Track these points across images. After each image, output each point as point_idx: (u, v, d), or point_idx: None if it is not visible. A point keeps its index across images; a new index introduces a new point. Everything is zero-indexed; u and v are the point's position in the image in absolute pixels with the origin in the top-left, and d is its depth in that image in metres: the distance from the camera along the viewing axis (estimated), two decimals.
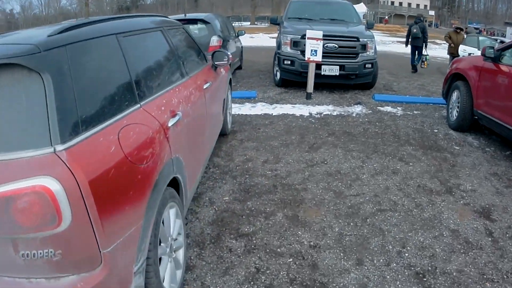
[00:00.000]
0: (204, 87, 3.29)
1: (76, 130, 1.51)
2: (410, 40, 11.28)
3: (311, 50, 6.85)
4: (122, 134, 1.74)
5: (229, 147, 4.74)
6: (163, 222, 2.08)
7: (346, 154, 4.51)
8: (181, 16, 8.25)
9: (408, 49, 11.71)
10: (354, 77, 7.37)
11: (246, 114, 6.18)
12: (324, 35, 6.87)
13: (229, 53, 4.11)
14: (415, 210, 3.34)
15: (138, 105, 2.03)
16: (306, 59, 6.91)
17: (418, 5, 65.59)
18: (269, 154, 4.49)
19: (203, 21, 7.87)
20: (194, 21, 8.05)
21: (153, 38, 2.70)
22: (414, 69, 11.41)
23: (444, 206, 3.42)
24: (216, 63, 4.06)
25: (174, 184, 2.34)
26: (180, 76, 2.86)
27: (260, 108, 6.50)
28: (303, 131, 5.34)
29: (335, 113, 6.20)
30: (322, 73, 7.18)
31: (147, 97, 2.15)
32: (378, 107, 6.66)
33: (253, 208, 3.30)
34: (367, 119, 5.95)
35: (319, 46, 6.82)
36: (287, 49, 7.49)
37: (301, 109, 6.39)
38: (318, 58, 6.87)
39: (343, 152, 4.57)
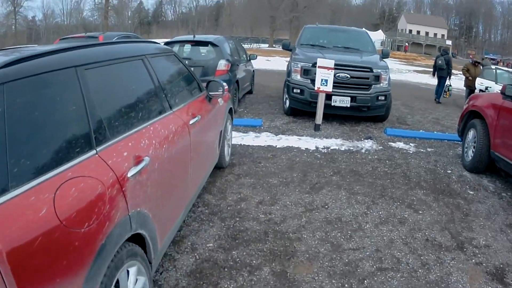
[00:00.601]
0: (191, 122, 3.05)
1: (3, 188, 1.28)
2: (435, 71, 11.84)
3: (322, 80, 6.63)
4: (61, 191, 1.50)
5: (224, 183, 4.47)
6: (117, 284, 1.81)
7: (350, 197, 4.19)
8: (190, 37, 8.13)
9: (426, 79, 11.74)
10: (366, 110, 7.10)
11: (249, 145, 5.94)
12: (336, 64, 6.66)
13: (224, 83, 3.89)
14: (420, 270, 3.00)
15: (94, 152, 1.79)
16: (315, 88, 6.68)
17: (435, 34, 65.49)
18: (266, 194, 4.21)
19: (211, 43, 7.74)
20: (202, 43, 7.91)
21: (128, 68, 2.48)
22: (438, 99, 11.70)
23: (454, 266, 3.08)
24: (210, 93, 3.84)
25: (140, 238, 2.09)
26: (159, 112, 2.63)
27: (264, 139, 6.25)
28: (307, 167, 5.06)
29: (343, 148, 5.91)
30: (333, 104, 6.93)
31: (107, 140, 1.92)
32: (389, 143, 6.35)
33: (238, 259, 3.01)
34: (376, 156, 5.64)
35: (330, 75, 6.59)
36: (297, 77, 7.28)
37: (308, 142, 6.11)
38: (329, 88, 6.63)
39: (347, 194, 4.26)
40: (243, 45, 11.85)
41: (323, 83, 6.65)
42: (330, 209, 3.90)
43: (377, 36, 48.50)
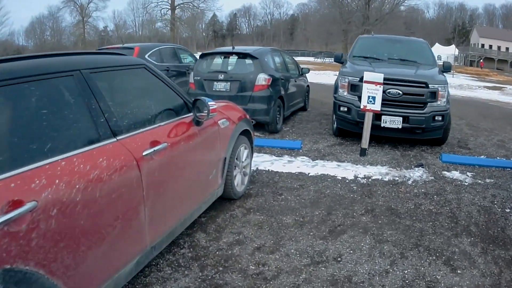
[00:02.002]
0: (145, 152, 2.53)
1: None
2: None
3: (369, 97, 5.85)
4: None
5: (226, 219, 3.92)
6: None
7: (375, 247, 3.41)
8: (229, 48, 7.75)
9: (497, 96, 10.25)
10: (420, 132, 6.15)
11: (277, 172, 5.33)
12: (385, 79, 5.85)
13: (212, 102, 3.34)
14: None
15: None
16: (361, 107, 5.89)
17: (507, 49, 60.03)
18: (271, 237, 3.58)
19: (250, 56, 7.28)
20: (241, 56, 7.47)
21: (43, 87, 2.04)
22: None
23: None
24: (197, 115, 3.32)
25: None
26: (86, 141, 2.17)
27: (297, 164, 5.59)
28: (335, 203, 4.32)
29: (387, 178, 5.06)
30: (382, 125, 6.08)
31: None
32: (443, 172, 5.38)
33: None
34: (424, 189, 4.73)
35: (378, 92, 5.79)
36: (344, 93, 6.55)
37: (347, 170, 5.34)
38: (376, 106, 5.82)
39: (372, 243, 3.47)
40: (318, 59, 11.13)
41: (370, 101, 5.86)
42: (342, 263, 3.15)
43: (450, 51, 45.83)
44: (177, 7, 58.20)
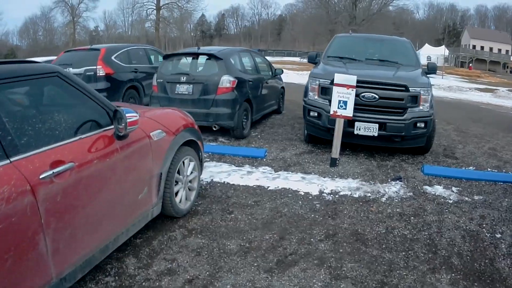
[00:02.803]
0: (43, 175, 2.07)
1: None
2: None
3: (339, 101, 5.31)
4: None
5: (163, 242, 3.37)
6: None
7: (329, 286, 2.82)
8: (194, 49, 7.14)
9: (488, 98, 9.75)
10: (399, 140, 5.60)
11: (233, 185, 4.75)
12: (360, 81, 5.32)
13: (131, 113, 2.76)
14: None
15: None
16: (331, 112, 5.33)
17: (499, 50, 60.68)
18: (208, 267, 3.00)
19: (214, 56, 6.70)
20: (205, 57, 6.88)
21: None
22: None
23: None
24: (118, 127, 2.74)
25: None
26: None
27: (257, 176, 5.01)
28: (291, 225, 3.75)
29: (356, 194, 4.50)
30: (355, 133, 5.54)
31: None
32: (424, 187, 4.84)
33: None
34: (399, 209, 4.18)
35: (350, 96, 5.25)
36: (314, 97, 5.99)
37: (312, 184, 4.77)
38: (348, 112, 5.28)
39: (327, 279, 2.90)
40: (303, 59, 10.40)
41: (341, 106, 5.32)
42: None
43: (440, 52, 45.95)
44: (162, 7, 57.43)
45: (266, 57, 10.30)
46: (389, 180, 5.02)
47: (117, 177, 2.85)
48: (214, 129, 6.70)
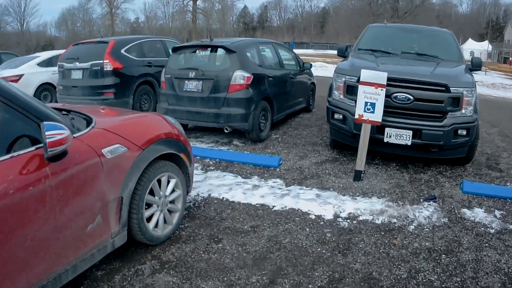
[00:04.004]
0: None
1: None
2: None
3: (366, 103, 4.48)
4: None
5: (127, 277, 2.85)
6: None
7: None
8: (207, 41, 6.47)
9: None
10: (436, 150, 4.70)
11: (232, 202, 4.08)
12: (391, 79, 4.47)
13: (58, 131, 2.12)
14: None
15: None
16: (356, 116, 4.51)
17: None
18: None
19: (226, 49, 5.99)
20: (216, 49, 6.22)
21: None
22: None
23: None
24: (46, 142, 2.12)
25: None
26: None
27: (263, 192, 4.29)
28: (289, 263, 3.02)
29: (379, 220, 3.67)
30: (386, 140, 4.67)
31: None
32: (462, 210, 3.95)
33: None
34: (429, 242, 3.33)
35: (379, 97, 4.41)
36: (339, 96, 5.16)
37: (327, 204, 4.00)
38: (376, 116, 4.45)
39: None
40: None
41: (368, 109, 4.48)
42: None
43: (483, 47, 43.18)
44: None
45: (309, 50, 9.46)
46: (421, 200, 4.14)
47: (47, 209, 2.23)
48: (226, 131, 6.02)
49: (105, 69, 7.28)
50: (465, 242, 3.35)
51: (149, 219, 3.17)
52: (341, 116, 5.11)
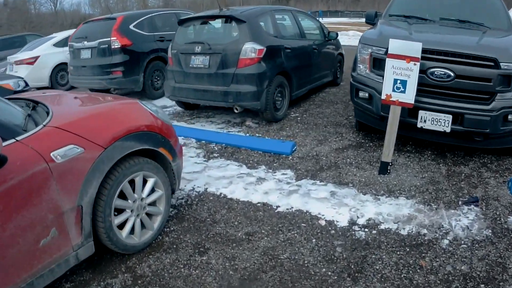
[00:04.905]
0: None
1: None
2: None
3: (396, 80, 3.73)
4: None
5: None
6: None
7: None
8: (215, 11, 5.78)
9: None
10: (481, 139, 3.91)
11: (229, 199, 3.53)
12: (426, 51, 3.71)
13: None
14: None
15: None
16: (383, 97, 3.78)
17: None
18: None
19: (234, 19, 5.31)
20: (224, 19, 5.55)
21: None
22: None
23: None
24: None
25: None
26: None
27: (268, 187, 3.69)
28: (284, 286, 2.40)
29: (405, 231, 2.99)
30: (419, 125, 3.92)
31: None
32: (510, 218, 3.15)
33: None
34: (466, 265, 2.61)
35: (411, 73, 3.65)
36: (365, 71, 4.41)
37: (343, 205, 3.34)
38: (408, 97, 3.70)
39: None
40: None
41: (398, 87, 3.72)
42: None
43: None
44: None
45: (343, 18, 8.59)
46: (459, 203, 3.40)
47: None
48: (236, 111, 5.39)
49: (112, 47, 6.78)
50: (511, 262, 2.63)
51: (123, 225, 2.66)
52: (366, 95, 4.37)
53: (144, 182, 2.80)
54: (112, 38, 6.78)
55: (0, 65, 10.52)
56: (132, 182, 2.67)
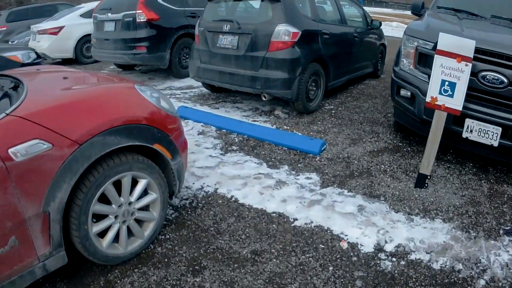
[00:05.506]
0: None
1: None
2: None
3: (443, 82, 3.14)
4: None
5: None
6: None
7: None
8: None
9: None
10: None
11: (241, 205, 3.12)
12: (478, 51, 3.09)
13: None
14: None
15: None
16: (428, 99, 3.20)
17: None
18: None
19: None
20: None
21: None
22: None
23: None
24: None
25: None
26: None
27: (287, 193, 3.24)
28: None
29: (437, 264, 2.48)
30: (465, 136, 3.33)
31: None
32: None
33: None
34: None
35: (462, 74, 3.06)
36: (408, 66, 3.84)
37: (370, 225, 2.85)
38: (456, 102, 3.13)
39: None
40: None
41: (446, 90, 3.15)
42: None
43: None
44: None
45: (387, 9, 7.88)
46: (500, 231, 2.82)
47: None
48: (264, 99, 4.91)
49: (137, 20, 6.37)
50: None
51: (106, 232, 2.28)
52: (408, 94, 3.80)
53: (136, 183, 2.38)
54: (138, 11, 6.37)
55: (23, 35, 10.37)
56: (117, 183, 2.27)
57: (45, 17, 10.81)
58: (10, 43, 10.25)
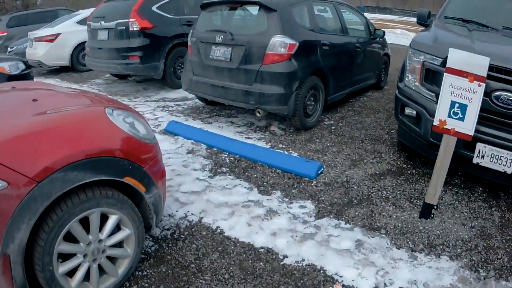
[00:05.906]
0: None
1: None
2: None
3: (453, 103, 2.89)
4: None
5: None
6: None
7: None
8: None
9: None
10: None
11: (226, 238, 2.86)
12: (494, 68, 2.85)
13: None
14: None
15: None
16: (436, 123, 2.95)
17: None
18: None
19: (263, 7, 4.53)
20: (252, 6, 4.80)
21: None
22: None
23: None
24: None
25: None
26: None
27: (278, 226, 2.99)
28: None
29: None
30: (475, 161, 3.07)
31: None
32: None
33: None
34: None
35: (474, 95, 2.81)
36: (414, 83, 3.59)
37: (369, 264, 2.59)
38: (467, 126, 2.87)
39: None
40: None
41: (455, 112, 2.89)
42: None
43: None
44: None
45: (392, 15, 7.65)
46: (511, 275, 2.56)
47: None
48: (259, 114, 4.67)
49: (131, 29, 6.17)
50: None
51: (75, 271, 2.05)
52: (414, 113, 3.55)
53: (107, 218, 2.14)
54: (130, 20, 6.17)
55: (23, 41, 10.19)
56: (84, 220, 2.02)
57: (46, 22, 10.66)
58: (9, 49, 10.09)
